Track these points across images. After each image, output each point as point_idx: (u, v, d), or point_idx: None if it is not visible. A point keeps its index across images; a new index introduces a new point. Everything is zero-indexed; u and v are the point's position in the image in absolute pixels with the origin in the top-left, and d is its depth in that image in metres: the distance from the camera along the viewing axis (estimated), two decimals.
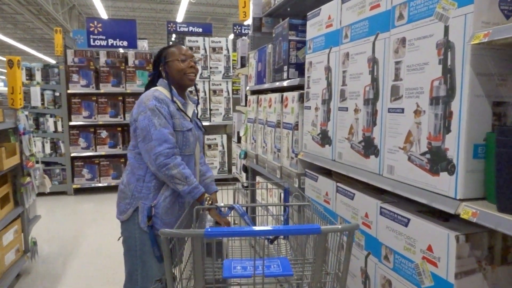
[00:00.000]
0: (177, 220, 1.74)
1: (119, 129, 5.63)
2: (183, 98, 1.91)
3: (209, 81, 5.70)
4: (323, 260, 1.16)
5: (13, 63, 2.59)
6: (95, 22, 5.59)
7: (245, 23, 11.33)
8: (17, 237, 2.69)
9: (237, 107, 3.65)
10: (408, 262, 1.26)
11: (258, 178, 2.98)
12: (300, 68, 2.29)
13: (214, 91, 5.70)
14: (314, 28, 1.97)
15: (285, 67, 2.33)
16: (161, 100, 1.76)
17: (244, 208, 1.52)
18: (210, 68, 5.68)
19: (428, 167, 1.18)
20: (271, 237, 1.34)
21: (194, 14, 16.14)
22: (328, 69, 1.83)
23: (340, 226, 1.03)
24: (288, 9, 3.00)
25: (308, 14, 2.04)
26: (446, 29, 1.11)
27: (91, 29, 5.52)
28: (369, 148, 1.50)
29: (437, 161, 1.14)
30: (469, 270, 1.10)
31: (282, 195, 2.28)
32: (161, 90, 1.84)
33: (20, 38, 19.81)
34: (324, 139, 1.87)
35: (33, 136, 2.89)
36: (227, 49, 5.73)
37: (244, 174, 3.29)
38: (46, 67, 5.25)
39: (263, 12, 3.18)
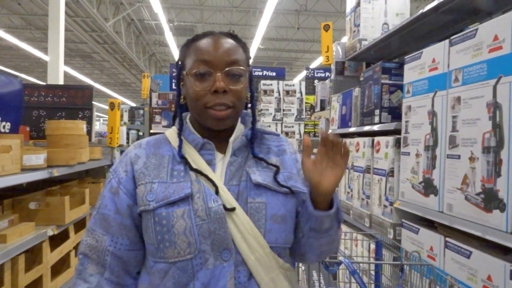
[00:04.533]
0: None
1: None
2: (211, 139, 0.95)
3: (281, 123, 5.76)
4: None
5: (114, 105, 2.82)
6: None
7: (312, 66, 11.53)
8: None
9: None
10: None
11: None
12: (393, 112, 2.20)
13: (287, 133, 5.73)
14: (414, 71, 1.90)
15: (377, 111, 2.26)
16: (129, 155, 0.96)
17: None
18: (283, 110, 5.77)
19: None
20: None
21: (262, 58, 16.84)
22: (432, 114, 1.73)
23: None
24: (372, 52, 2.98)
25: (406, 57, 1.99)
26: None
27: (174, 74, 5.93)
28: (491, 201, 1.35)
29: None
30: None
31: (373, 246, 2.14)
32: (171, 130, 1.00)
33: (104, 82, 21.98)
34: (428, 188, 1.74)
35: None
36: (300, 92, 5.80)
37: None
38: (132, 109, 5.70)
39: (346, 56, 3.18)
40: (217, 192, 0.88)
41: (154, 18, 11.72)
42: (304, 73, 8.71)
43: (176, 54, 14.61)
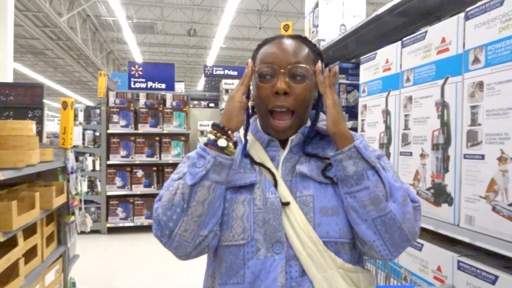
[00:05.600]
0: None
1: (155, 168, 5.70)
2: (273, 135, 0.97)
3: None
4: None
5: (67, 104, 2.69)
6: (136, 66, 5.84)
7: None
8: (58, 277, 2.66)
9: None
10: None
11: None
12: (351, 111, 2.26)
13: None
14: (369, 71, 1.96)
15: None
16: None
17: None
18: None
19: None
20: None
21: (224, 58, 16.76)
22: (386, 113, 1.79)
23: None
24: (330, 53, 3.04)
25: (361, 58, 2.04)
26: None
27: (132, 72, 5.76)
28: (440, 196, 1.42)
29: None
30: None
31: None
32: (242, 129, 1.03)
33: (59, 81, 20.99)
34: None
35: (81, 176, 2.94)
36: None
37: None
38: (88, 108, 5.47)
39: None
40: (275, 186, 0.91)
41: (111, 14, 11.31)
42: None
43: (135, 52, 14.21)
